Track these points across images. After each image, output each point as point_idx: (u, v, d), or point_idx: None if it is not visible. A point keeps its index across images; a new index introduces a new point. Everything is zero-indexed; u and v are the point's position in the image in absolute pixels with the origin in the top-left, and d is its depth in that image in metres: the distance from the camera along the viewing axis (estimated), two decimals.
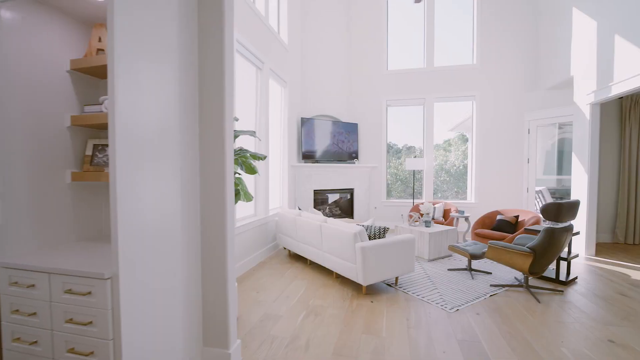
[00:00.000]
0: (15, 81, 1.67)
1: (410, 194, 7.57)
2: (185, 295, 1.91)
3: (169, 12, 1.77)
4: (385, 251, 3.30)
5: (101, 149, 2.06)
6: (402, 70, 7.09)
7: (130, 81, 1.51)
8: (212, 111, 2.02)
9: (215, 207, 2.02)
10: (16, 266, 1.57)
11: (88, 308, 1.46)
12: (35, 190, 1.78)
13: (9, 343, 1.62)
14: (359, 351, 2.29)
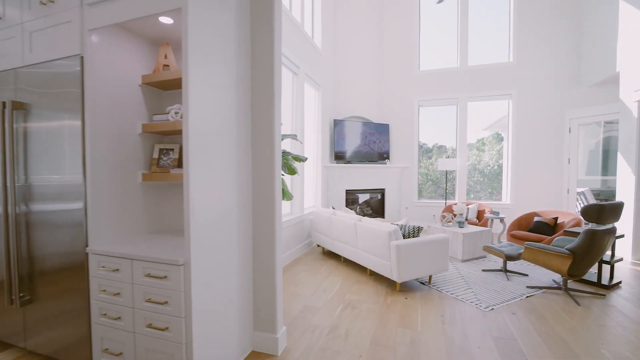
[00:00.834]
0: (101, 95, 1.96)
1: (441, 195, 7.51)
2: (239, 283, 2.13)
3: (229, 34, 1.99)
4: (419, 250, 3.39)
5: (165, 152, 2.34)
6: (434, 70, 7.06)
7: (199, 93, 1.74)
8: (262, 118, 2.23)
9: (265, 204, 2.23)
10: (104, 253, 1.85)
11: (164, 290, 1.71)
12: (115, 190, 2.07)
13: (97, 318, 1.91)
14: (395, 342, 2.42)
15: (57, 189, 2.03)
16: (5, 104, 2.11)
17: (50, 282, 2.09)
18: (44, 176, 2.07)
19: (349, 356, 2.23)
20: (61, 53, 1.97)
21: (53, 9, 1.99)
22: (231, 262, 2.04)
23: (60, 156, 2.00)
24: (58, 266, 2.05)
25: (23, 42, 2.11)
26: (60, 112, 1.99)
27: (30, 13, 2.08)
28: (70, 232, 2.00)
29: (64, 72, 1.96)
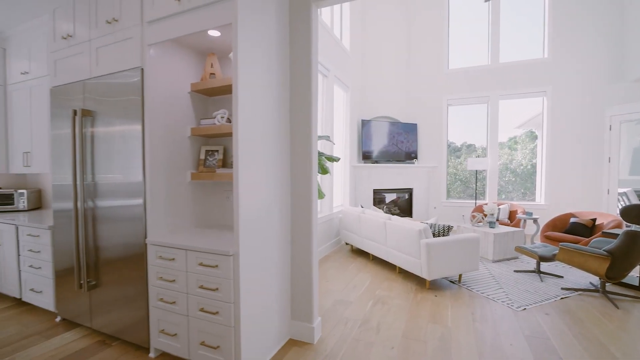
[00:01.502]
0: (157, 103, 2.19)
1: (470, 195, 7.39)
2: (278, 274, 2.30)
3: (270, 44, 2.16)
4: (450, 248, 3.42)
5: (211, 153, 2.54)
6: (463, 68, 6.97)
7: (246, 100, 1.92)
8: (300, 121, 2.38)
9: (302, 202, 2.38)
10: (162, 244, 2.07)
11: (215, 277, 1.90)
12: (168, 188, 2.29)
13: (154, 302, 2.14)
14: (426, 337, 2.49)
15: (120, 187, 2.28)
16: (76, 112, 2.39)
17: (113, 270, 2.35)
18: (108, 175, 2.33)
19: (381, 347, 2.34)
20: (124, 66, 2.21)
21: (117, 27, 2.25)
22: (272, 255, 2.21)
23: (123, 157, 2.25)
24: (120, 255, 2.31)
25: (90, 57, 2.39)
26: (122, 118, 2.23)
27: (97, 31, 2.35)
28: (131, 225, 2.24)
29: (126, 82, 2.20)
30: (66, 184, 2.55)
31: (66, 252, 2.60)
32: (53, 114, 2.60)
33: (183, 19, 1.99)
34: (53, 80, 2.62)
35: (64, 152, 2.55)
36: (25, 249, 2.90)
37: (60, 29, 2.56)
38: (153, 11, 2.08)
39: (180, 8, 1.97)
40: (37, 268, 2.84)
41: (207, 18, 1.91)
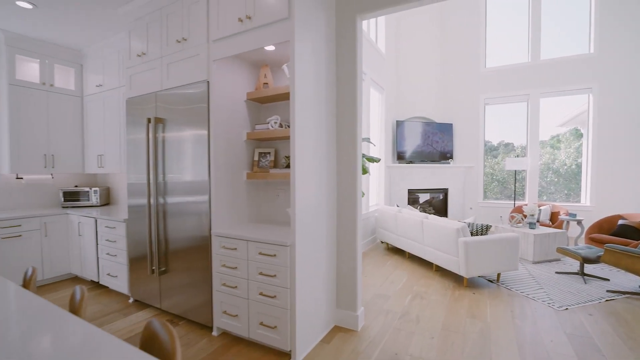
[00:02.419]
0: (219, 110, 2.48)
1: (508, 196, 7.22)
2: (326, 266, 2.51)
3: (320, 54, 2.38)
4: (488, 247, 3.48)
5: (263, 155, 2.81)
6: (502, 66, 6.84)
7: (302, 107, 2.15)
8: (346, 125, 2.58)
9: (347, 199, 2.59)
10: (225, 235, 2.36)
11: (273, 265, 2.15)
12: (227, 186, 2.58)
13: (218, 286, 2.43)
14: (465, 330, 2.60)
15: (187, 185, 2.60)
16: (150, 120, 2.75)
17: (180, 258, 2.68)
18: (177, 175, 2.66)
19: (422, 337, 2.49)
20: (192, 79, 2.53)
21: (186, 45, 2.57)
22: (321, 247, 2.43)
23: (190, 159, 2.57)
24: (186, 246, 2.63)
25: (162, 72, 2.74)
26: (189, 125, 2.55)
27: (167, 49, 2.69)
28: (197, 219, 2.55)
29: (193, 92, 2.52)
30: (140, 183, 2.93)
31: (138, 242, 2.98)
32: (129, 121, 2.99)
33: (245, 37, 2.26)
34: (128, 92, 3.02)
35: (138, 155, 2.93)
36: (103, 239, 3.34)
37: (135, 47, 2.94)
38: (218, 31, 2.38)
39: (243, 28, 2.25)
40: (113, 256, 3.26)
41: (266, 36, 2.17)
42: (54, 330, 0.94)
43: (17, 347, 0.85)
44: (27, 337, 0.91)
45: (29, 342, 0.88)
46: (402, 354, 2.26)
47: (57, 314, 1.06)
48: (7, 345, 0.86)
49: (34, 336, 0.91)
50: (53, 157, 3.88)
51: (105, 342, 0.88)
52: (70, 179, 4.32)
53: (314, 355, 2.23)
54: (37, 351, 0.83)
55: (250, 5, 2.20)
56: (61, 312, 1.08)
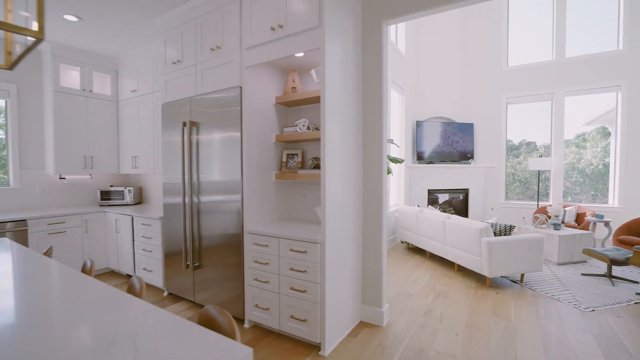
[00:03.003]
0: (250, 114, 2.62)
1: (530, 197, 7.10)
2: (352, 262, 2.61)
3: (347, 59, 2.47)
4: (512, 248, 3.48)
5: (291, 157, 2.93)
6: (524, 65, 6.74)
7: (331, 111, 2.25)
8: (371, 127, 2.67)
9: (373, 198, 2.67)
10: (257, 232, 2.49)
11: (304, 262, 2.26)
12: (258, 186, 2.72)
13: (250, 281, 2.57)
14: (489, 328, 2.64)
15: (220, 185, 2.75)
16: (185, 123, 2.92)
17: (213, 254, 2.83)
18: (210, 175, 2.82)
19: (446, 334, 2.55)
20: (225, 85, 2.68)
21: (219, 53, 2.72)
22: (348, 245, 2.53)
23: (223, 160, 2.72)
24: (219, 243, 2.78)
25: (196, 78, 2.90)
26: (223, 128, 2.70)
27: (202, 57, 2.85)
28: (229, 217, 2.70)
29: (226, 97, 2.67)
30: (174, 183, 3.11)
31: (173, 239, 3.16)
32: (164, 124, 3.18)
33: (277, 45, 2.38)
34: (164, 98, 3.20)
35: (173, 156, 3.11)
36: (139, 235, 3.55)
37: (171, 55, 3.12)
38: (251, 39, 2.51)
39: (275, 36, 2.37)
40: (148, 251, 3.46)
41: (298, 44, 2.28)
42: (134, 311, 1.08)
43: (105, 322, 0.99)
44: (114, 314, 1.05)
45: (116, 317, 1.01)
46: (428, 350, 2.33)
47: (128, 298, 1.20)
48: (100, 321, 1.00)
49: (118, 314, 1.05)
50: (92, 159, 4.14)
51: (179, 321, 1.01)
52: (106, 179, 4.58)
53: (342, 348, 2.33)
54: (123, 325, 0.96)
55: (282, 15, 2.32)
56: (132, 297, 1.22)
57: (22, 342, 0.88)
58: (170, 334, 0.93)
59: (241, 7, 2.58)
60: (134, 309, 1.11)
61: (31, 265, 1.62)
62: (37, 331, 0.95)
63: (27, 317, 1.04)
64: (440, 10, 2.41)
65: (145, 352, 0.84)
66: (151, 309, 1.11)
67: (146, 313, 1.08)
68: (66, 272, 1.51)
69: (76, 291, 1.28)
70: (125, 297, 1.21)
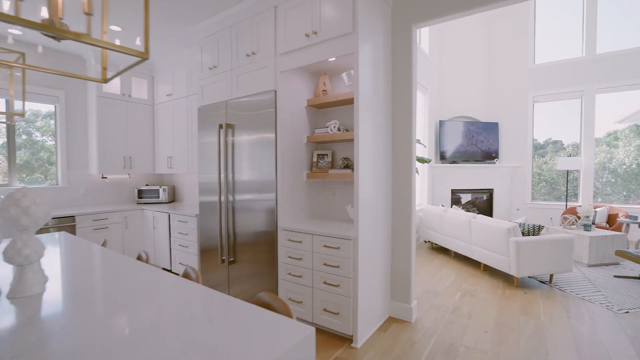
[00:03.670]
0: (284, 116, 2.74)
1: (557, 197, 6.93)
2: (382, 259, 2.69)
3: (377, 62, 2.56)
4: (541, 248, 3.46)
5: (321, 157, 3.05)
6: (552, 62, 6.59)
7: (364, 114, 2.35)
8: (400, 128, 2.75)
9: (403, 197, 2.75)
10: (292, 229, 2.62)
11: (337, 257, 2.37)
12: (291, 185, 2.84)
13: (284, 275, 2.70)
14: (519, 326, 2.66)
15: (254, 184, 2.89)
16: (222, 126, 3.09)
17: (247, 250, 2.98)
18: (245, 174, 2.97)
19: (475, 331, 2.59)
20: (260, 89, 2.82)
21: (255, 58, 2.87)
22: (378, 242, 2.61)
23: (257, 160, 2.86)
24: (253, 239, 2.93)
25: (232, 82, 3.06)
26: (257, 129, 2.84)
27: (237, 62, 3.01)
28: (263, 215, 2.84)
29: (261, 100, 2.81)
30: (210, 182, 3.28)
31: (208, 235, 3.33)
32: (200, 127, 3.36)
33: (311, 50, 2.50)
34: (200, 101, 3.39)
35: (209, 157, 3.28)
36: (176, 231, 3.76)
37: (207, 61, 3.30)
38: (285, 45, 2.64)
39: (309, 42, 2.49)
40: (184, 247, 3.66)
41: (331, 49, 2.39)
42: (201, 294, 1.22)
43: (180, 303, 1.13)
44: (186, 297, 1.18)
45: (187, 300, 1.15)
46: (457, 345, 2.39)
47: (193, 284, 1.34)
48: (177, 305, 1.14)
49: (188, 297, 1.18)
50: (130, 159, 4.40)
51: (243, 304, 1.13)
52: (142, 179, 4.84)
53: (373, 341, 2.42)
54: (194, 306, 1.10)
55: (316, 22, 2.44)
56: (195, 284, 1.36)
57: (135, 314, 1.03)
58: (238, 314, 1.06)
59: (276, 15, 2.71)
60: (201, 293, 1.25)
61: (108, 258, 1.80)
62: (139, 308, 1.10)
63: (130, 296, 1.20)
64: (470, 14, 2.45)
65: (219, 325, 0.97)
66: (216, 294, 1.24)
67: (212, 296, 1.21)
68: (138, 264, 1.68)
69: (148, 278, 1.43)
70: (190, 284, 1.36)
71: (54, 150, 4.13)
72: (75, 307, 1.12)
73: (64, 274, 1.48)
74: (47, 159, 4.11)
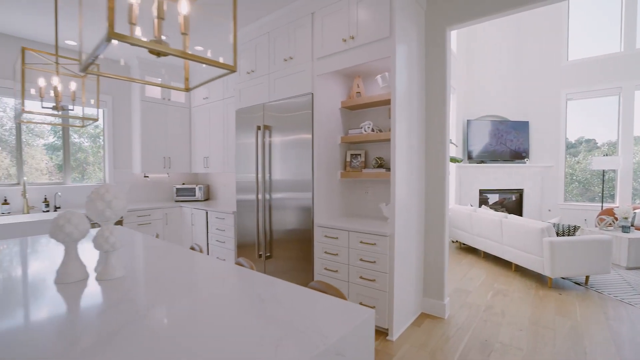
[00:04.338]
0: (320, 118, 2.86)
1: (591, 198, 6.68)
2: (415, 255, 2.76)
3: (412, 63, 2.64)
4: (576, 248, 3.41)
5: (355, 157, 3.15)
6: (587, 58, 6.37)
7: (400, 115, 2.43)
8: (434, 128, 2.81)
9: (436, 195, 2.81)
10: (328, 226, 2.73)
11: (373, 253, 2.46)
12: (326, 183, 2.96)
13: (320, 270, 2.82)
14: (555, 326, 2.66)
15: (290, 183, 3.03)
16: (260, 127, 3.25)
17: (283, 246, 3.13)
18: (282, 174, 3.11)
19: (509, 329, 2.61)
20: (297, 92, 2.95)
21: (291, 63, 3.00)
22: (412, 239, 2.69)
23: (293, 160, 2.99)
24: (289, 235, 3.07)
25: (269, 86, 3.22)
26: (294, 130, 2.98)
27: (274, 67, 3.16)
28: (299, 212, 2.97)
29: (298, 102, 2.94)
30: (247, 181, 3.45)
31: (244, 232, 3.51)
32: (238, 128, 3.54)
33: (348, 55, 2.61)
34: (238, 104, 3.57)
35: (246, 157, 3.46)
36: (213, 227, 3.96)
37: (244, 66, 3.47)
38: (322, 50, 2.76)
39: (346, 47, 2.60)
40: (222, 242, 3.86)
41: (368, 53, 2.49)
42: (262, 281, 1.35)
43: (248, 288, 1.27)
44: (251, 283, 1.32)
45: (252, 285, 1.29)
46: (492, 341, 2.43)
47: (252, 272, 1.48)
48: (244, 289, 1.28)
49: (253, 283, 1.32)
50: (169, 159, 4.66)
51: (304, 289, 1.25)
52: (178, 178, 5.11)
53: (407, 335, 2.50)
54: (259, 290, 1.23)
55: (353, 27, 2.54)
56: (254, 272, 1.50)
57: (210, 295, 1.18)
58: (301, 297, 1.18)
59: (313, 21, 2.84)
60: (263, 279, 1.39)
61: (167, 248, 1.98)
62: (212, 291, 1.25)
63: (200, 281, 1.35)
64: (505, 15, 2.48)
65: (287, 306, 1.09)
66: (277, 280, 1.37)
67: (274, 282, 1.34)
68: (197, 254, 1.85)
69: (211, 266, 1.59)
70: (250, 271, 1.50)
71: (90, 151, 4.43)
72: (156, 289, 1.28)
73: (134, 262, 1.66)
74: (83, 160, 4.40)
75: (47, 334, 0.91)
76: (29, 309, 1.09)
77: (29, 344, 0.86)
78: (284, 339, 0.88)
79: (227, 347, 0.84)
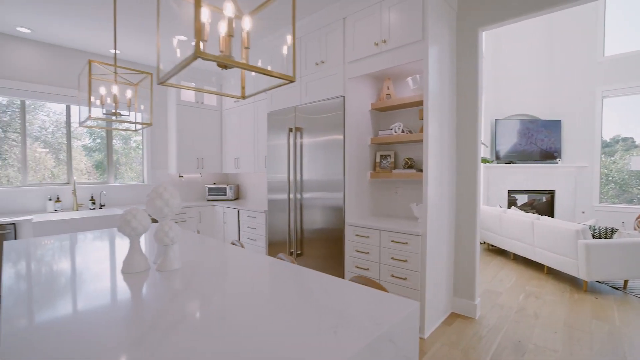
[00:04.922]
0: (351, 120, 2.94)
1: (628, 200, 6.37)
2: (446, 255, 2.79)
3: (443, 65, 2.67)
4: (614, 251, 3.31)
5: (384, 157, 3.20)
6: (625, 54, 6.10)
7: (433, 116, 2.47)
8: (465, 128, 2.82)
9: (467, 196, 2.82)
10: (360, 225, 2.81)
11: (404, 252, 2.52)
12: (357, 184, 3.03)
13: (351, 268, 2.89)
14: (591, 330, 2.61)
15: (321, 183, 3.13)
16: (291, 129, 3.37)
17: (314, 244, 3.22)
18: (313, 174, 3.21)
19: (543, 331, 2.59)
20: (329, 94, 3.04)
21: (323, 67, 3.10)
22: (443, 239, 2.72)
23: (324, 160, 3.09)
24: (319, 234, 3.16)
25: (301, 89, 3.33)
26: (325, 132, 3.07)
27: (306, 70, 3.26)
28: (330, 212, 3.06)
29: (329, 105, 3.03)
30: (278, 181, 3.58)
31: (275, 230, 3.63)
32: (269, 130, 3.68)
33: (380, 58, 2.67)
34: (270, 107, 3.70)
35: (278, 158, 3.58)
36: (245, 225, 4.12)
37: None
38: (354, 54, 2.84)
39: (378, 50, 2.66)
40: (253, 240, 4.01)
41: (400, 56, 2.54)
42: (311, 275, 1.45)
43: (298, 282, 1.37)
44: (301, 279, 1.42)
45: (298, 280, 1.38)
46: (526, 342, 2.42)
47: (298, 267, 1.58)
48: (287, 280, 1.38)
49: (302, 278, 1.42)
50: (202, 160, 4.87)
51: (350, 283, 1.34)
52: (210, 178, 5.33)
53: (439, 334, 2.54)
54: (307, 283, 1.32)
55: (385, 31, 2.60)
56: (300, 267, 1.60)
57: (265, 286, 1.29)
58: (347, 289, 1.26)
59: (344, 26, 2.92)
60: (307, 272, 1.48)
61: (212, 244, 2.12)
62: (266, 282, 1.36)
63: (252, 274, 1.47)
64: (539, 14, 2.47)
65: (336, 297, 1.18)
66: (322, 274, 1.47)
67: (320, 275, 1.44)
68: (241, 250, 1.97)
69: (258, 261, 1.70)
70: (294, 266, 1.60)
71: (122, 152, 4.68)
72: (213, 280, 1.40)
73: (185, 255, 1.80)
74: (116, 160, 4.65)
75: (127, 318, 1.05)
76: (106, 294, 1.24)
77: (110, 325, 0.99)
78: (340, 326, 0.97)
79: (289, 331, 0.93)
